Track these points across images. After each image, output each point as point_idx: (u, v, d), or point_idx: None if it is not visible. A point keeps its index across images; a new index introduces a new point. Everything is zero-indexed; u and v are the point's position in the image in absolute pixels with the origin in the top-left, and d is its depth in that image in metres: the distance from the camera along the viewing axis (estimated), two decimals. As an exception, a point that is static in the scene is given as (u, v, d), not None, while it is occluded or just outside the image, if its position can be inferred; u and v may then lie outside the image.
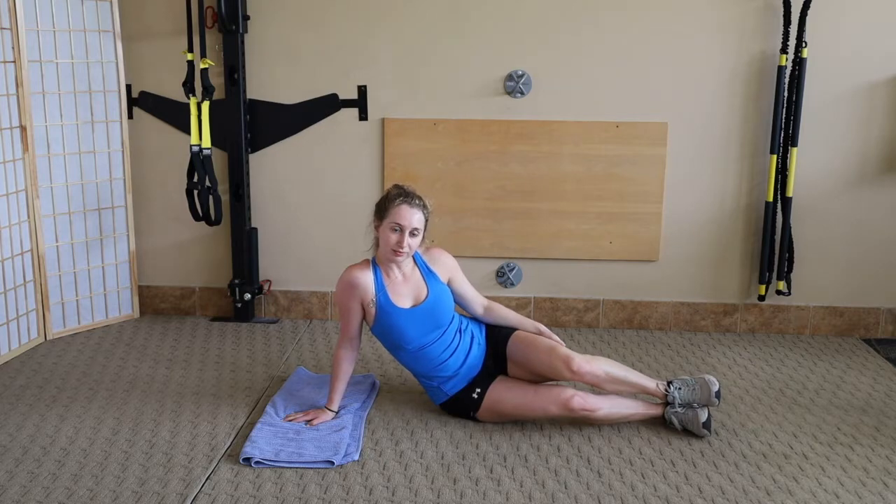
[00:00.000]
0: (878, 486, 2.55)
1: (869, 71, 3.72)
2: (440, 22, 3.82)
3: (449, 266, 3.03)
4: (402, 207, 2.82)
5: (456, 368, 2.92)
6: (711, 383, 2.85)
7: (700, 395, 2.86)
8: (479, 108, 3.88)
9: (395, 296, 2.89)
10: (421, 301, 2.91)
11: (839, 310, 3.95)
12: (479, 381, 2.93)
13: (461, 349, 2.93)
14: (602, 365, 2.87)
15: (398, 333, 2.89)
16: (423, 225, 2.86)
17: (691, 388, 2.88)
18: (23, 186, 3.64)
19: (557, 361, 2.84)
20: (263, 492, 2.48)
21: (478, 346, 2.97)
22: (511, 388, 2.91)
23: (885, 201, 3.83)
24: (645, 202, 3.89)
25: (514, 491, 2.50)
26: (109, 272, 4.01)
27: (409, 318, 2.88)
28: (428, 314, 2.90)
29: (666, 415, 2.90)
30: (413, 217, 2.82)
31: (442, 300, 2.94)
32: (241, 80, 3.88)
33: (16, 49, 3.54)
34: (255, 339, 3.86)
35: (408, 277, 2.94)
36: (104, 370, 3.46)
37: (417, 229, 2.84)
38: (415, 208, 2.83)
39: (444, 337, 2.92)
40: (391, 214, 2.83)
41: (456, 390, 2.93)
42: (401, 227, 2.81)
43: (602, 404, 2.85)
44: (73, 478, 2.57)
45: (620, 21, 3.77)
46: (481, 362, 2.96)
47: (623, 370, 2.92)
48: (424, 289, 2.93)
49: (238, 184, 3.98)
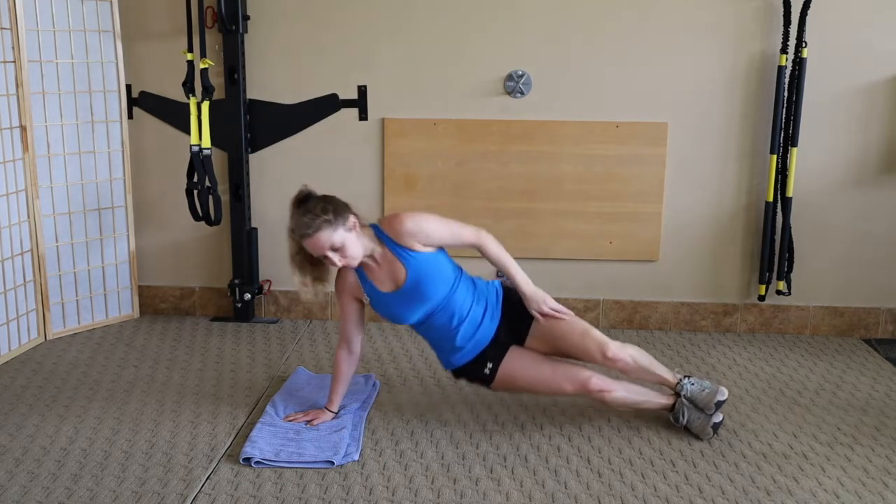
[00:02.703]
0: (878, 486, 2.55)
1: (869, 71, 3.72)
2: (440, 22, 3.82)
3: (414, 233, 2.73)
4: (305, 243, 2.66)
5: (465, 340, 2.82)
6: (720, 393, 2.80)
7: (704, 397, 2.82)
8: (479, 108, 3.88)
9: (378, 283, 2.80)
10: (401, 284, 2.76)
11: (839, 310, 3.95)
12: (490, 354, 2.85)
13: (471, 320, 2.81)
14: (632, 352, 2.84)
15: (393, 315, 2.84)
16: (337, 236, 2.64)
17: (701, 388, 2.85)
18: (23, 186, 3.64)
19: (592, 346, 2.79)
20: (263, 492, 2.48)
21: (491, 319, 2.85)
22: (526, 365, 2.84)
23: (885, 201, 3.83)
24: (645, 202, 3.89)
25: (514, 491, 2.50)
26: (109, 272, 4.01)
27: (394, 301, 2.79)
28: (412, 294, 2.76)
29: (677, 405, 2.88)
30: (320, 244, 2.63)
31: (425, 277, 2.74)
32: (241, 80, 3.88)
33: (16, 49, 3.54)
34: (255, 339, 3.86)
35: (381, 262, 2.77)
36: (104, 370, 3.46)
37: (335, 244, 2.64)
38: (317, 234, 2.62)
39: (446, 309, 2.78)
40: (308, 250, 2.69)
41: (464, 361, 2.87)
42: (320, 256, 2.68)
43: (618, 386, 2.84)
44: (73, 478, 2.57)
45: (620, 21, 3.77)
46: (492, 334, 2.86)
47: (648, 360, 2.89)
48: (402, 270, 2.75)
49: (238, 184, 3.98)
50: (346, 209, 2.72)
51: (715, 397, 2.80)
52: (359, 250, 2.71)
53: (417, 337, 3.87)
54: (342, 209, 2.70)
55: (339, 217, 2.67)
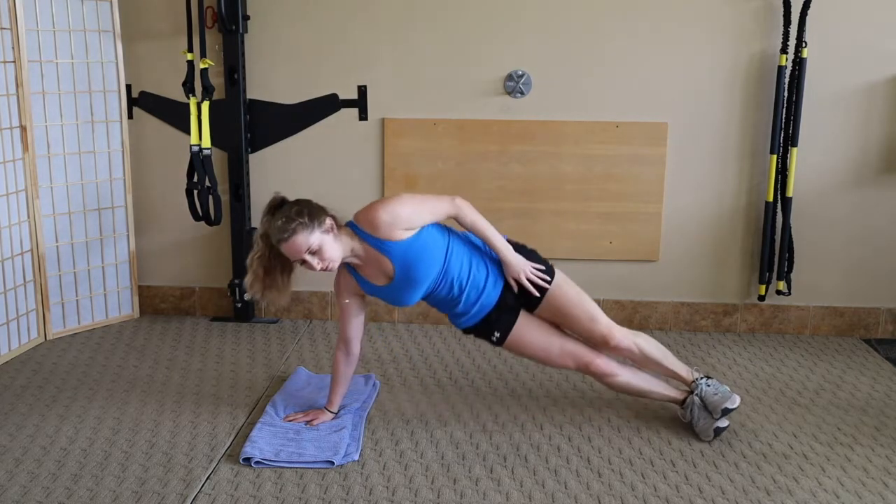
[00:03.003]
0: (878, 486, 2.55)
1: (869, 71, 3.72)
2: (440, 22, 3.82)
3: (390, 223, 2.64)
4: (283, 247, 2.62)
5: (469, 305, 2.78)
6: (732, 400, 2.77)
7: (714, 401, 2.79)
8: (479, 108, 3.88)
9: (371, 279, 2.78)
10: (391, 276, 2.72)
11: (839, 310, 3.95)
12: (494, 318, 2.82)
13: (473, 284, 2.76)
14: (640, 341, 2.83)
15: (395, 302, 2.82)
16: (314, 238, 2.59)
17: (715, 391, 2.82)
18: (23, 186, 3.64)
19: (598, 333, 2.78)
20: (263, 492, 2.48)
21: (494, 284, 2.79)
22: (533, 337, 2.82)
23: (885, 201, 3.83)
24: (645, 202, 3.89)
25: (514, 491, 2.50)
26: (109, 272, 4.01)
27: (391, 291, 2.77)
28: (406, 282, 2.72)
29: (688, 401, 2.87)
30: (296, 246, 2.59)
31: (412, 263, 2.68)
32: (241, 80, 3.88)
33: (16, 49, 3.54)
34: (255, 339, 3.86)
35: (367, 259, 2.72)
36: (104, 370, 3.46)
37: (312, 247, 2.59)
38: (293, 238, 2.58)
39: (445, 280, 2.74)
40: (286, 255, 2.65)
41: (471, 323, 2.85)
42: (298, 261, 2.64)
43: (622, 371, 2.85)
44: (73, 478, 2.57)
45: (620, 21, 3.77)
46: (497, 297, 2.80)
47: (662, 352, 2.88)
48: (388, 262, 2.69)
49: (238, 184, 3.98)
50: (321, 212, 2.66)
51: (724, 403, 2.77)
52: (337, 252, 2.65)
53: (417, 337, 3.89)
54: (317, 211, 2.65)
55: (315, 219, 2.62)
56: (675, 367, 2.90)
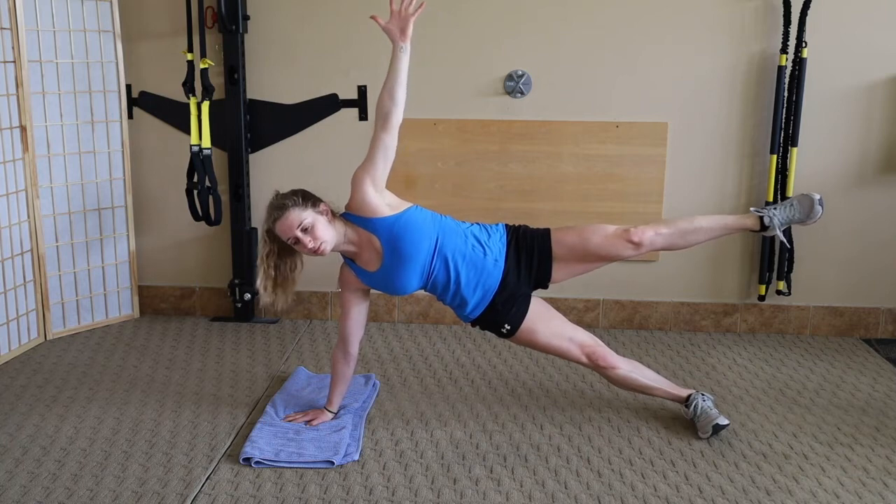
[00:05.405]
0: (878, 486, 2.55)
1: (869, 71, 3.72)
2: (440, 22, 3.82)
3: (360, 189, 2.72)
4: (278, 227, 2.71)
5: (470, 286, 2.79)
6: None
7: (800, 210, 2.83)
8: (479, 108, 3.88)
9: (367, 265, 2.80)
10: (383, 257, 2.74)
11: (839, 310, 3.95)
12: (505, 312, 2.84)
13: (471, 262, 2.78)
14: (661, 228, 2.84)
15: (394, 288, 2.81)
16: (306, 214, 2.68)
17: (789, 207, 2.85)
18: (23, 186, 3.64)
19: (617, 240, 2.80)
20: (263, 492, 2.48)
21: (494, 263, 2.79)
22: (542, 331, 2.86)
23: (885, 201, 3.83)
24: (645, 202, 3.89)
25: (514, 491, 2.50)
26: (109, 272, 4.01)
27: (386, 275, 2.77)
28: (396, 259, 2.73)
29: (692, 398, 2.88)
30: (289, 222, 2.68)
31: (399, 237, 2.71)
32: (241, 80, 3.88)
33: (16, 49, 3.54)
34: (255, 339, 3.86)
35: (360, 243, 2.77)
36: (104, 370, 3.46)
37: (304, 223, 2.67)
38: (287, 213, 2.68)
39: (439, 257, 2.75)
40: (280, 236, 2.74)
41: (478, 313, 2.86)
42: (292, 239, 2.70)
43: (623, 364, 2.88)
44: (73, 478, 2.57)
45: (620, 21, 3.77)
46: (500, 278, 2.80)
47: (688, 221, 2.90)
48: (377, 241, 2.74)
49: (238, 184, 3.98)
50: (317, 198, 2.77)
51: (812, 199, 2.81)
52: (329, 234, 2.71)
53: (417, 337, 3.89)
54: (312, 196, 2.77)
55: (309, 200, 2.73)
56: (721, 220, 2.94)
